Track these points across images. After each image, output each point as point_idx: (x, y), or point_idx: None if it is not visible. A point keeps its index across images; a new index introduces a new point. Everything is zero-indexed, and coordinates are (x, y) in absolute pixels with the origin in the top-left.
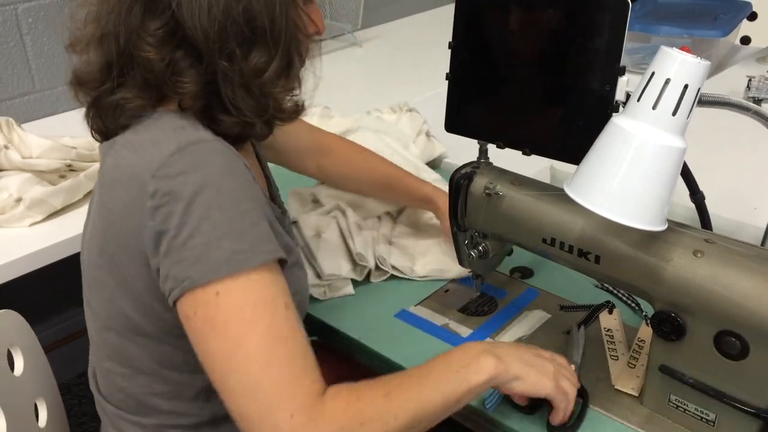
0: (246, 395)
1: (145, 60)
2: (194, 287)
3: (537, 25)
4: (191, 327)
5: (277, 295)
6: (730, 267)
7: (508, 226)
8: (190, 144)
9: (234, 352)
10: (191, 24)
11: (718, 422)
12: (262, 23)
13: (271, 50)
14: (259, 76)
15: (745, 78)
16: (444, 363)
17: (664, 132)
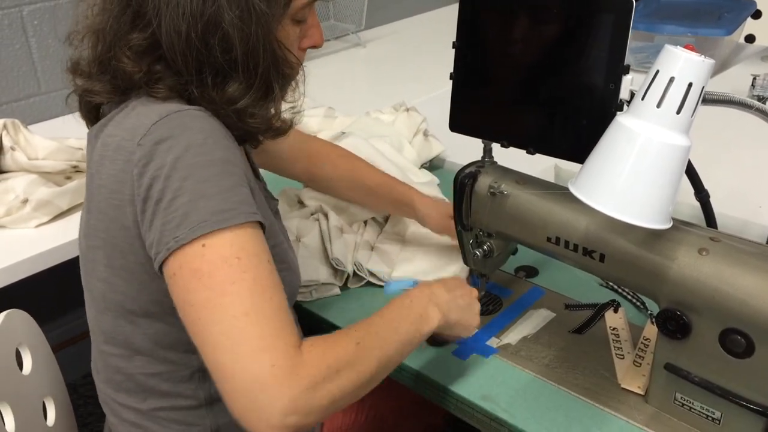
0: (227, 346)
1: (125, 72)
2: (181, 245)
3: (541, 25)
4: (176, 282)
5: (261, 251)
6: (736, 265)
7: (512, 225)
8: (172, 112)
9: (218, 302)
10: (169, 46)
11: (723, 420)
12: (238, 54)
13: (248, 81)
14: (233, 104)
15: (749, 76)
16: (399, 314)
17: (668, 130)
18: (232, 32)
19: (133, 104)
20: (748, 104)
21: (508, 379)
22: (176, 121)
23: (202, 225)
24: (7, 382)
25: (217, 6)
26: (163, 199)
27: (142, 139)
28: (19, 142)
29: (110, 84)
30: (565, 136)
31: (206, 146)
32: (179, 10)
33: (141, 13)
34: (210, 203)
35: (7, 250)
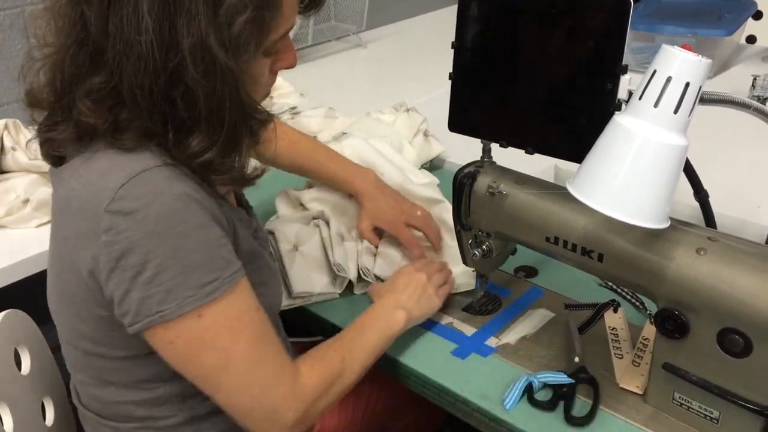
0: (242, 391)
1: (85, 123)
2: (166, 321)
3: (539, 24)
4: (173, 350)
5: (251, 303)
6: (733, 265)
7: (511, 224)
8: (137, 173)
9: (226, 360)
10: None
11: (721, 420)
12: (200, 110)
13: (213, 135)
14: (196, 158)
15: (750, 77)
16: (369, 326)
17: (665, 130)
18: (195, 88)
19: (95, 151)
20: (747, 104)
21: (507, 378)
22: (145, 186)
23: (190, 300)
24: (5, 383)
25: (179, 60)
26: (142, 274)
27: (109, 205)
28: (20, 142)
29: (73, 132)
30: (563, 136)
31: (179, 215)
32: (140, 63)
33: (99, 56)
34: (193, 277)
35: (8, 250)
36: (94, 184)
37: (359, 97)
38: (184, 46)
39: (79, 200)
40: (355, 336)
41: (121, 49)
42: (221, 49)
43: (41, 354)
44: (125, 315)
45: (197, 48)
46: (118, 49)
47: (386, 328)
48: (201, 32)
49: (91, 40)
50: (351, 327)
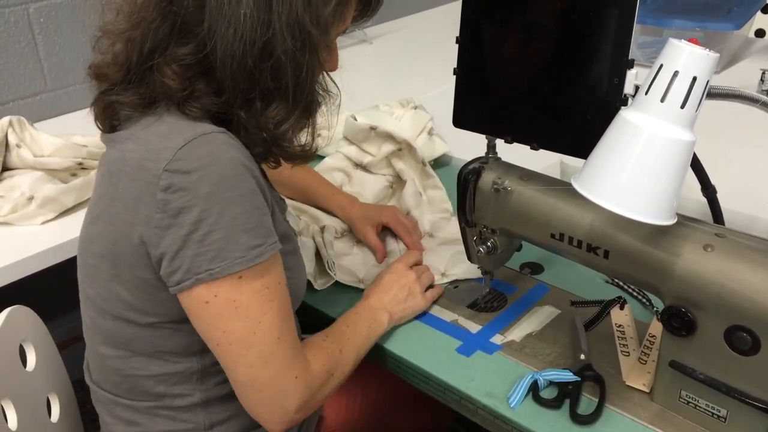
0: (263, 365)
1: (166, 86)
2: (214, 279)
3: (545, 19)
4: (209, 309)
5: (281, 277)
6: (741, 261)
7: (516, 221)
8: (197, 136)
9: (255, 328)
10: (221, 66)
11: (729, 418)
12: (287, 82)
13: (291, 107)
14: (275, 128)
15: (759, 71)
16: (359, 320)
17: (672, 125)
18: (285, 60)
19: (155, 118)
20: (755, 98)
21: (512, 376)
22: (204, 148)
23: (239, 261)
24: (10, 379)
25: (273, 33)
26: (197, 231)
27: (168, 164)
28: (24, 139)
29: (139, 96)
30: (569, 131)
31: (236, 179)
32: (236, 34)
33: (189, 28)
34: (244, 239)
35: (13, 247)
36: (154, 145)
37: (364, 93)
38: (280, 20)
39: (136, 160)
40: (347, 330)
41: (219, 20)
42: (313, 26)
43: (47, 350)
44: (174, 273)
45: (293, 23)
46: (214, 19)
47: (372, 327)
48: (297, 9)
49: (181, 13)
50: (342, 321)
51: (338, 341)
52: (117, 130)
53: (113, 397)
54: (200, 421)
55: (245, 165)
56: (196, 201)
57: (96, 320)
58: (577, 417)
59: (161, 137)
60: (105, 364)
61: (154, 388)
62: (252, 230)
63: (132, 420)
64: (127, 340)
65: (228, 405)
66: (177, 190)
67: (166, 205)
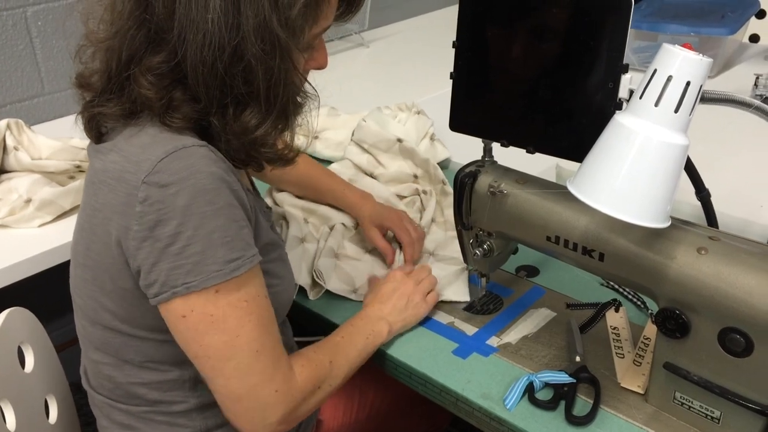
0: (240, 377)
1: (144, 96)
2: (190, 292)
3: (540, 24)
4: (185, 323)
5: (261, 290)
6: (735, 264)
7: (512, 224)
8: (177, 149)
9: (232, 342)
10: (193, 73)
11: (723, 419)
12: (259, 86)
13: (267, 112)
14: (249, 134)
15: (753, 76)
16: (356, 332)
17: (666, 129)
18: (255, 64)
19: (137, 129)
20: (748, 103)
21: (508, 377)
22: (183, 161)
23: (216, 275)
24: (8, 380)
25: (242, 37)
26: (174, 245)
27: (147, 176)
28: (22, 142)
29: (121, 107)
30: (564, 135)
31: (213, 193)
32: (205, 40)
33: (161, 36)
34: (221, 252)
35: (11, 250)
36: (135, 156)
37: (361, 97)
38: (248, 25)
39: (117, 171)
40: (341, 342)
41: (187, 26)
42: (281, 29)
43: (45, 352)
44: (151, 285)
45: (261, 27)
46: (184, 26)
47: (369, 338)
48: (264, 12)
49: (154, 21)
50: (338, 332)
51: (330, 352)
52: (104, 140)
53: (109, 402)
54: (196, 425)
55: (223, 179)
56: (173, 214)
57: (87, 329)
58: (572, 418)
59: (142, 149)
60: (99, 370)
61: (147, 395)
62: (229, 244)
63: (128, 424)
64: (117, 349)
65: None
66: (154, 203)
67: (143, 218)
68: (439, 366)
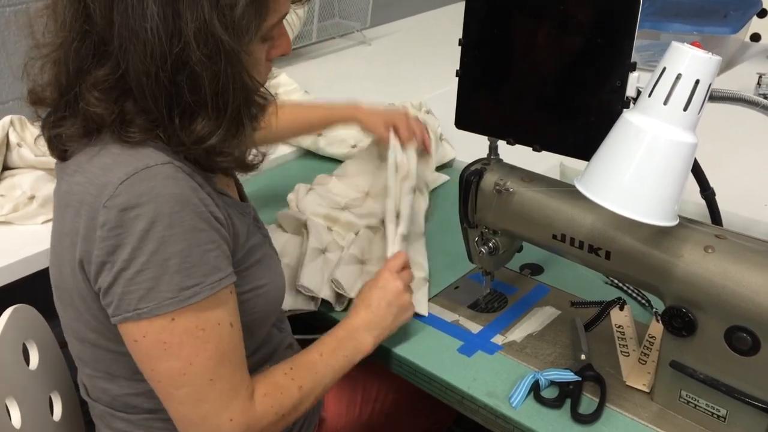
0: (192, 404)
1: (94, 114)
2: (141, 319)
3: (547, 22)
4: (138, 348)
5: (223, 317)
6: (741, 262)
7: (518, 222)
8: (139, 170)
9: (185, 370)
10: (137, 85)
11: (729, 418)
12: (207, 93)
13: (217, 119)
14: (202, 143)
15: (755, 75)
16: (336, 349)
17: (675, 127)
18: (200, 71)
19: (100, 146)
20: (755, 102)
21: (514, 376)
22: (143, 184)
23: (168, 303)
24: (13, 377)
25: (184, 44)
26: (128, 270)
27: (108, 200)
28: (25, 138)
29: (78, 127)
30: (571, 133)
31: (174, 216)
32: (146, 50)
33: (103, 48)
34: (176, 279)
35: (14, 246)
36: (96, 179)
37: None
38: (188, 30)
39: (79, 195)
40: (318, 361)
41: (127, 36)
42: (224, 31)
43: (49, 349)
44: (108, 306)
45: (201, 31)
46: (124, 36)
47: (349, 356)
48: (204, 15)
49: (96, 32)
50: (315, 348)
51: (301, 376)
52: (68, 157)
53: (109, 411)
54: None
55: (187, 201)
56: (130, 239)
57: (76, 347)
58: (578, 416)
59: (104, 170)
60: (94, 384)
61: (143, 404)
62: (187, 270)
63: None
64: (107, 365)
65: None
66: (113, 227)
67: (103, 242)
68: (444, 364)
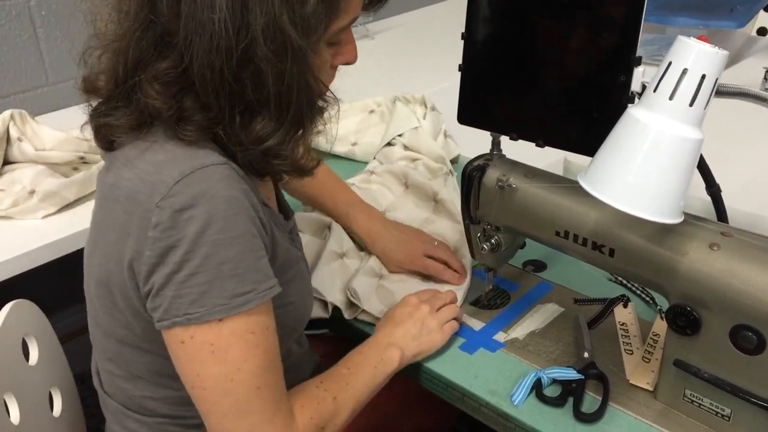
0: (236, 415)
1: (151, 107)
2: (189, 324)
3: (551, 16)
4: (184, 350)
5: (269, 323)
6: (747, 260)
7: (521, 218)
8: (194, 170)
9: (232, 376)
10: (201, 79)
11: (733, 417)
12: (270, 92)
13: (278, 119)
14: (261, 144)
15: (761, 69)
16: (364, 361)
17: (680, 123)
18: (265, 68)
19: (151, 142)
20: (762, 97)
21: (516, 373)
22: (199, 185)
23: (220, 309)
24: (12, 373)
25: (250, 39)
26: (180, 272)
27: (161, 200)
28: (26, 133)
29: (130, 118)
30: (575, 128)
31: (229, 221)
32: (212, 43)
33: (168, 39)
34: (229, 285)
35: (15, 241)
36: (148, 176)
37: (366, 88)
38: (256, 25)
39: (129, 191)
40: (347, 374)
41: (193, 28)
42: (293, 28)
43: (49, 344)
44: (156, 310)
45: (270, 27)
46: (190, 28)
47: (380, 366)
48: (274, 11)
49: (160, 23)
50: (343, 363)
51: (334, 388)
52: (115, 147)
53: (123, 409)
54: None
55: (242, 204)
56: (183, 241)
57: (101, 340)
58: (580, 415)
59: (157, 168)
60: (112, 380)
61: (160, 409)
62: (240, 276)
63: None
64: (129, 363)
65: None
66: (166, 228)
67: (155, 243)
68: (445, 361)
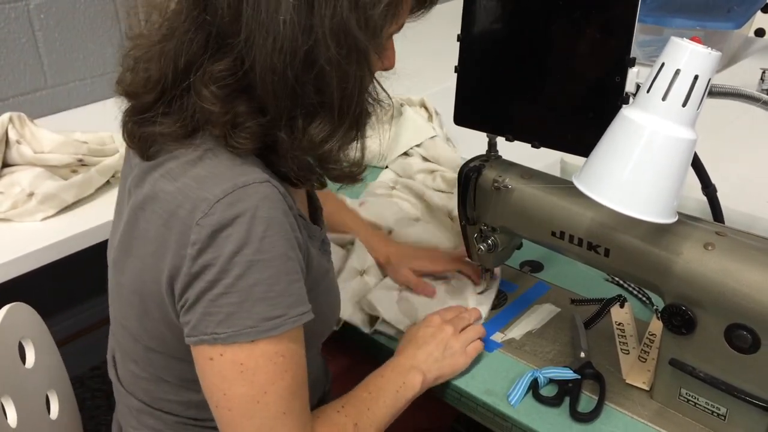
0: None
1: (206, 111)
2: (216, 343)
3: (546, 17)
4: (212, 367)
5: (299, 348)
6: (742, 260)
7: (517, 219)
8: (236, 188)
9: (259, 398)
10: (262, 82)
11: (728, 416)
12: (332, 94)
13: (337, 122)
14: (317, 149)
15: (759, 70)
16: (386, 385)
17: (674, 123)
18: (329, 70)
19: (195, 154)
20: (755, 97)
21: (512, 373)
22: (240, 205)
23: (248, 332)
24: (9, 376)
25: (315, 41)
26: (212, 290)
27: (202, 218)
28: (24, 135)
29: (181, 125)
30: (570, 129)
31: (265, 241)
32: (276, 44)
33: (224, 41)
34: (259, 308)
35: (13, 244)
36: (191, 192)
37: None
38: (323, 26)
39: (171, 205)
40: (368, 398)
41: (256, 28)
42: (359, 30)
43: (46, 347)
44: (186, 324)
45: (338, 28)
46: (252, 29)
47: (401, 391)
48: (342, 12)
49: (216, 23)
50: (364, 386)
51: (354, 413)
52: (152, 156)
53: (143, 406)
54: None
55: (281, 225)
56: (218, 260)
57: (128, 343)
58: (577, 415)
59: (199, 183)
60: (135, 381)
61: (183, 412)
62: (272, 300)
63: (159, 430)
64: (155, 368)
65: None
66: (204, 247)
67: (192, 261)
68: None
